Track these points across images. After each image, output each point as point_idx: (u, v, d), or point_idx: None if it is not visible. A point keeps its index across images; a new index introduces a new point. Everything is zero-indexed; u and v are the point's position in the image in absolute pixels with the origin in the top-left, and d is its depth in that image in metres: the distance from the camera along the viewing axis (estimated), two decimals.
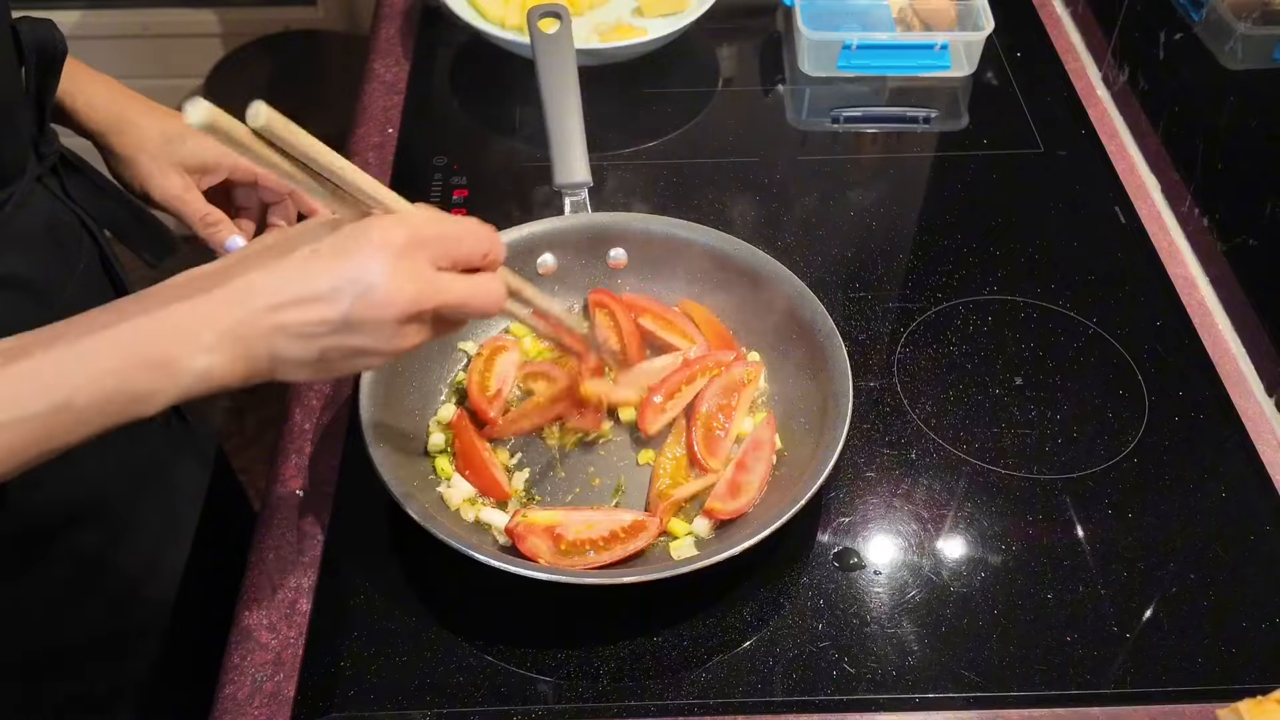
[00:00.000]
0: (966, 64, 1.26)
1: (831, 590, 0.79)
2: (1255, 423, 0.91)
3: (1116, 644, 0.77)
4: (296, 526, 0.83)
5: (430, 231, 0.61)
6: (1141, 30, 1.18)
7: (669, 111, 1.22)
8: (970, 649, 0.76)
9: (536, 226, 0.94)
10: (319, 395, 0.92)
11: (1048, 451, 0.88)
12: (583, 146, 0.99)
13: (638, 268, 0.96)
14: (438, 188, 1.10)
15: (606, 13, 1.30)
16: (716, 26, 1.29)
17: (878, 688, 0.74)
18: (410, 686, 0.74)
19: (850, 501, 0.85)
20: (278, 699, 0.74)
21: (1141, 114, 1.18)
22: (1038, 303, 1.00)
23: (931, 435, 0.89)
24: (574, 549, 0.77)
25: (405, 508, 0.74)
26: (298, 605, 0.79)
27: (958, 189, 1.13)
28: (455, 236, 0.62)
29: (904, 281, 1.03)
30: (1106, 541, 0.82)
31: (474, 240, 0.63)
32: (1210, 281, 1.03)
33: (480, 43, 1.24)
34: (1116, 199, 1.11)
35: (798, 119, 1.23)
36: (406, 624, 0.77)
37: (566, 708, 0.73)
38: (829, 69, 1.25)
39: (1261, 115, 0.98)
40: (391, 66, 1.27)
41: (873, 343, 0.97)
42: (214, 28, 2.21)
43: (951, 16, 1.26)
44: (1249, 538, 0.83)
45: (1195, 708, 0.74)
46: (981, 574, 0.80)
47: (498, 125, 1.21)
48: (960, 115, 1.22)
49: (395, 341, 0.60)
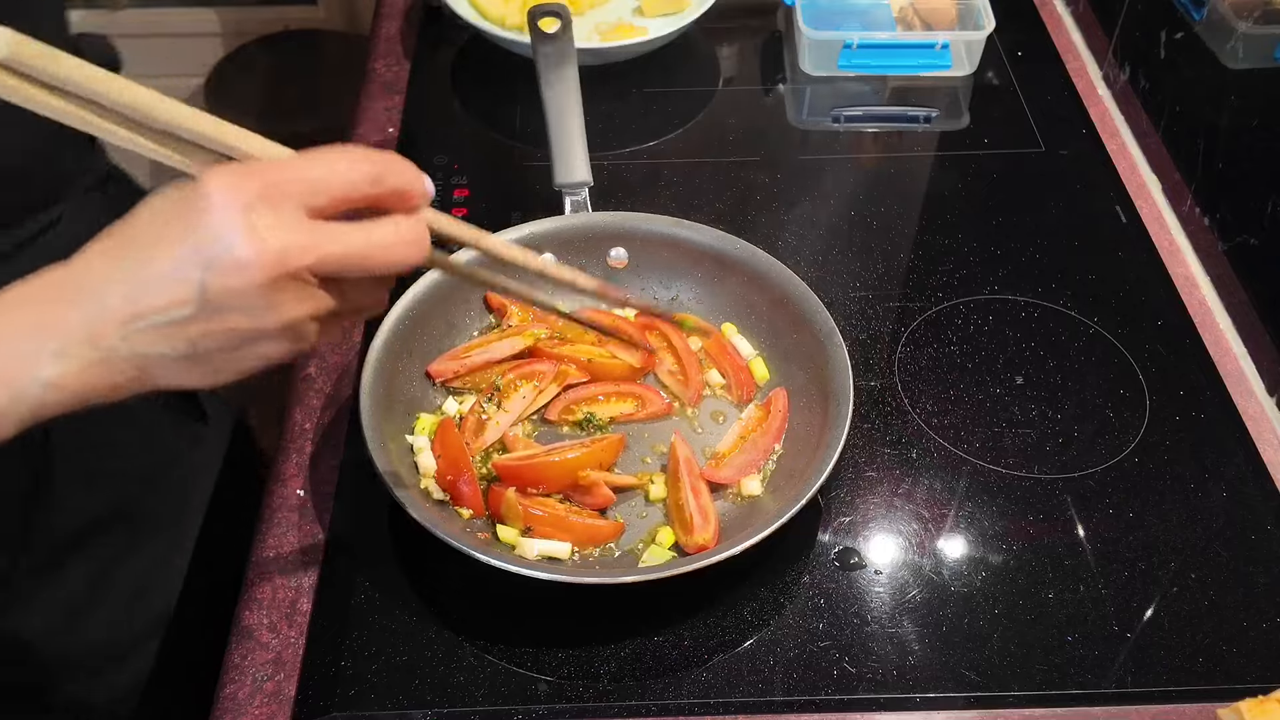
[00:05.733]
0: (967, 63, 1.26)
1: (832, 590, 0.79)
2: (1256, 422, 0.91)
3: (1117, 644, 0.77)
4: (296, 526, 0.83)
5: (291, 172, 0.50)
6: (1142, 29, 1.18)
7: (669, 111, 1.22)
8: (971, 649, 0.76)
9: (537, 226, 0.94)
10: (319, 395, 0.92)
11: (1048, 451, 0.88)
12: (583, 146, 0.99)
13: (638, 268, 0.96)
14: (438, 188, 1.10)
15: (607, 12, 1.30)
16: (716, 26, 1.29)
17: (878, 687, 0.74)
18: (410, 686, 0.74)
19: (851, 501, 0.85)
20: (278, 699, 0.74)
21: (1142, 113, 1.18)
22: (1038, 302, 1.00)
23: (932, 435, 0.89)
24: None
25: (406, 508, 0.74)
26: (298, 605, 0.79)
27: (958, 188, 1.13)
28: (328, 170, 0.50)
29: (904, 281, 1.03)
30: (1107, 541, 0.82)
31: (356, 170, 0.51)
32: (1211, 281, 1.03)
33: (480, 42, 1.24)
34: (1117, 198, 1.11)
35: (798, 119, 1.23)
36: (406, 624, 0.77)
37: (566, 707, 0.73)
38: (830, 68, 1.25)
39: (1263, 115, 0.98)
40: (391, 66, 1.27)
41: (873, 342, 0.97)
42: (214, 28, 2.21)
43: (952, 16, 1.26)
44: (1249, 538, 0.83)
45: (1195, 708, 0.73)
46: (982, 573, 0.80)
47: (498, 125, 1.21)
48: (961, 115, 1.22)
49: (273, 315, 0.50)
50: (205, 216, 0.48)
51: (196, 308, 0.49)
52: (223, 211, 0.48)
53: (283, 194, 0.49)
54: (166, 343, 0.50)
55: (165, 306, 0.49)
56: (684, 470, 0.82)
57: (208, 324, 0.49)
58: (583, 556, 0.79)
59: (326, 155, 0.51)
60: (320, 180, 0.50)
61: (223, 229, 0.48)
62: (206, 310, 0.49)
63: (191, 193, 0.49)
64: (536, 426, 0.88)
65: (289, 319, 0.51)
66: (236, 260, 0.48)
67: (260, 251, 0.48)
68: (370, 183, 0.51)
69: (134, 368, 0.51)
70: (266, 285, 0.49)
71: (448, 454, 0.81)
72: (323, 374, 0.94)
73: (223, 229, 0.48)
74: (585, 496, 0.81)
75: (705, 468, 0.84)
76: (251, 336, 0.50)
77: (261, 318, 0.50)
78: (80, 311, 0.49)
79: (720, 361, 0.91)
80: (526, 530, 0.79)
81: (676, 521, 0.80)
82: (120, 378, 0.51)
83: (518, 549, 0.78)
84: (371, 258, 0.51)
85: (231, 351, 0.51)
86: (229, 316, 0.49)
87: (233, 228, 0.48)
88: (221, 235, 0.48)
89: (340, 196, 0.51)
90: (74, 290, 0.50)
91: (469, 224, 0.62)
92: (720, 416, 0.89)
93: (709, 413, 0.89)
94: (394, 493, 0.74)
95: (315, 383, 0.93)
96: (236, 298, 0.49)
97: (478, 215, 1.07)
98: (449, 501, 0.81)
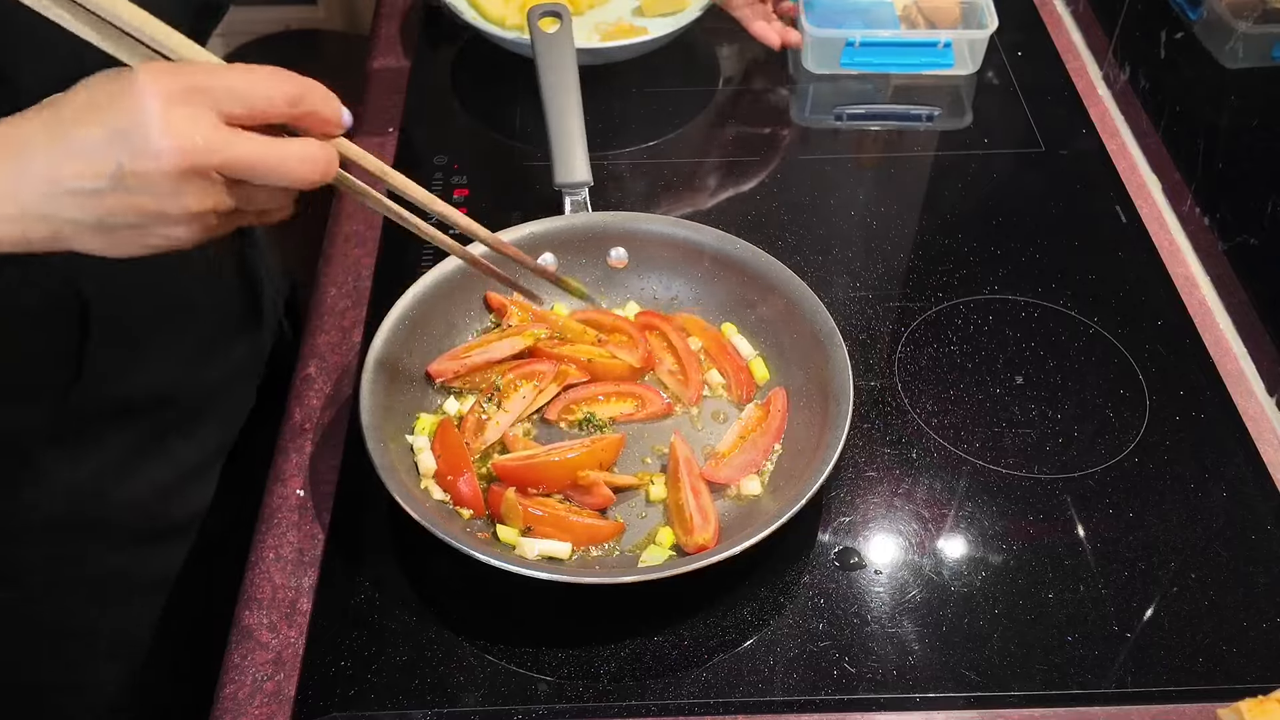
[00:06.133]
0: (970, 62, 1.26)
1: (832, 590, 0.79)
2: (1256, 422, 0.91)
3: (1117, 644, 0.77)
4: (296, 526, 0.83)
5: (214, 78, 0.54)
6: (1142, 29, 1.18)
7: (669, 111, 1.22)
8: (971, 649, 0.76)
9: (537, 226, 0.94)
10: (319, 395, 0.92)
11: (1048, 451, 0.88)
12: (583, 146, 0.99)
13: (638, 268, 0.96)
14: (438, 187, 1.10)
15: (607, 12, 1.30)
16: (716, 26, 1.29)
17: (878, 687, 0.74)
18: (410, 686, 0.74)
19: (851, 501, 0.85)
20: (278, 699, 0.74)
21: (1142, 113, 1.18)
22: (1038, 302, 1.00)
23: (932, 434, 0.89)
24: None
25: (406, 507, 0.74)
26: (298, 605, 0.79)
27: (958, 188, 1.13)
28: (250, 83, 0.55)
29: (904, 280, 1.03)
30: (1107, 541, 0.82)
31: (277, 88, 0.56)
32: (1211, 280, 1.03)
33: (481, 42, 1.24)
34: (1117, 198, 1.11)
35: (799, 118, 1.23)
36: (406, 624, 0.77)
37: (566, 707, 0.73)
38: (832, 66, 1.25)
39: (1262, 115, 0.98)
40: (392, 66, 1.27)
41: (873, 342, 0.97)
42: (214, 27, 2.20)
43: (956, 14, 1.25)
44: (1249, 538, 0.83)
45: (1195, 708, 0.73)
46: (982, 573, 0.80)
47: (498, 125, 1.21)
48: (964, 114, 1.22)
49: (178, 201, 0.55)
50: (131, 102, 0.53)
51: (110, 183, 0.53)
52: (148, 101, 0.53)
53: (204, 96, 0.54)
54: (79, 210, 0.54)
55: (81, 176, 0.53)
56: (684, 470, 0.82)
57: (118, 200, 0.54)
58: (583, 557, 0.79)
59: (252, 69, 0.56)
60: (242, 90, 0.55)
61: (144, 118, 0.52)
62: (119, 188, 0.54)
63: (124, 80, 0.53)
64: (536, 426, 0.88)
65: (193, 209, 0.55)
66: (151, 148, 0.53)
67: (172, 143, 0.53)
68: (289, 102, 0.56)
69: (47, 228, 0.55)
70: (175, 175, 0.53)
71: (448, 454, 0.81)
72: (323, 374, 0.94)
73: (144, 118, 0.52)
74: (585, 496, 0.81)
75: (705, 468, 0.84)
76: (157, 218, 0.55)
77: (167, 204, 0.54)
78: (5, 167, 0.54)
79: (720, 361, 0.91)
80: (526, 530, 0.79)
81: (676, 521, 0.80)
82: (34, 235, 0.56)
83: (518, 549, 0.78)
84: (274, 169, 0.56)
85: (139, 229, 0.56)
86: (138, 197, 0.54)
87: (152, 118, 0.52)
88: (141, 123, 0.52)
89: (258, 110, 0.55)
90: (3, 146, 0.54)
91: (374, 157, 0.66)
92: (720, 416, 0.89)
93: (709, 413, 0.89)
94: (394, 493, 0.74)
95: (315, 383, 0.93)
96: (146, 181, 0.53)
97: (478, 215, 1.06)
98: (449, 502, 0.81)
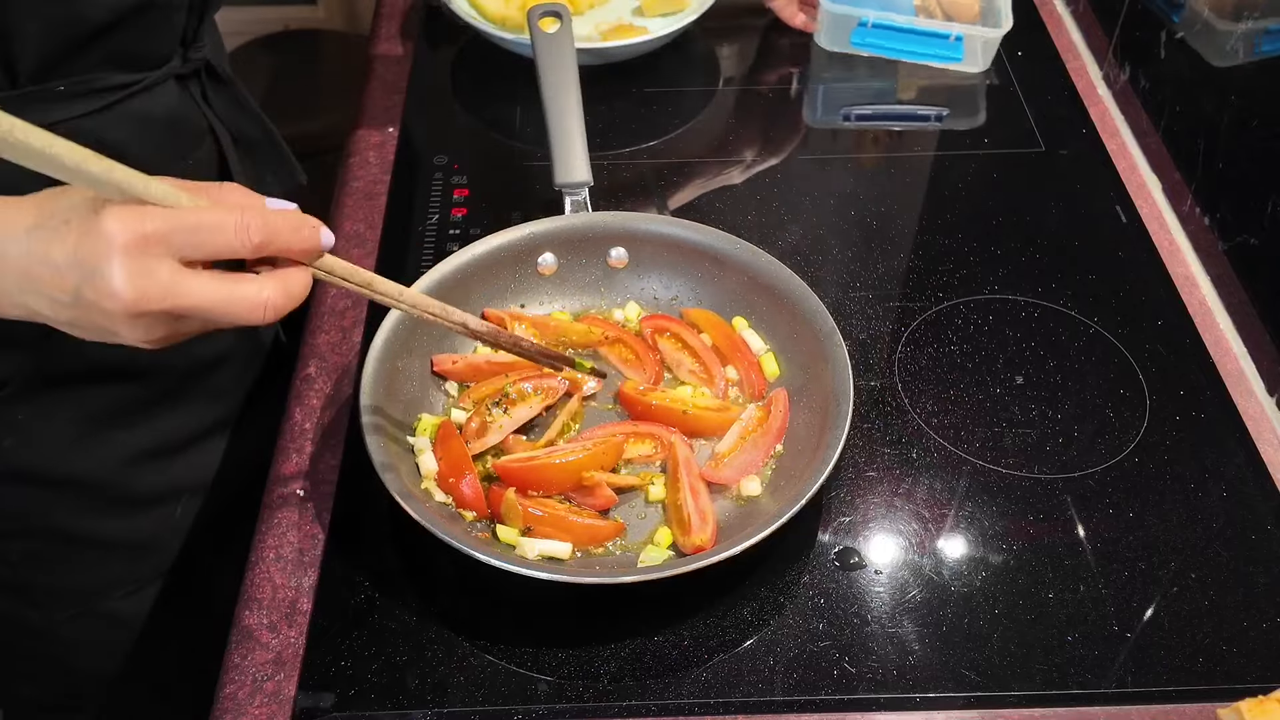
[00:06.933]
0: (981, 60, 1.25)
1: (832, 589, 0.79)
2: (1256, 422, 0.91)
3: (1117, 644, 0.77)
4: (296, 526, 0.83)
5: (174, 223, 0.57)
6: (1142, 29, 1.18)
7: (669, 111, 1.22)
8: (971, 648, 0.76)
9: (537, 226, 0.94)
10: (319, 395, 0.92)
11: (1048, 451, 0.88)
12: (583, 146, 0.99)
13: (638, 268, 0.96)
14: (438, 187, 1.10)
15: (607, 12, 1.30)
16: (716, 25, 1.29)
17: (878, 687, 0.74)
18: (410, 686, 0.74)
19: (851, 501, 0.85)
20: (278, 699, 0.74)
21: (1142, 113, 1.18)
22: (1039, 302, 1.00)
23: (932, 434, 0.89)
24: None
25: (406, 507, 0.74)
26: (298, 605, 0.79)
27: (959, 188, 1.13)
28: (207, 228, 0.58)
29: (905, 280, 1.03)
30: (1107, 541, 0.82)
31: (239, 237, 0.59)
32: (1211, 280, 1.03)
33: (481, 42, 1.24)
34: (1117, 198, 1.11)
35: (801, 118, 1.23)
36: (406, 624, 0.77)
37: (566, 707, 0.73)
38: (844, 45, 1.25)
39: (1262, 114, 0.98)
40: (392, 66, 1.27)
41: (873, 342, 0.97)
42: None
43: (975, 11, 1.25)
44: (1249, 538, 0.83)
45: (1195, 708, 0.73)
46: (982, 573, 0.80)
47: (498, 125, 1.21)
48: (977, 113, 1.22)
49: (132, 332, 0.59)
50: (94, 244, 0.56)
51: (71, 300, 0.58)
52: (108, 246, 0.56)
53: (163, 245, 0.57)
54: (48, 307, 0.59)
55: (49, 286, 0.58)
56: (683, 471, 0.82)
57: (80, 313, 0.58)
58: (583, 557, 0.79)
59: (218, 217, 0.58)
60: (203, 239, 0.58)
61: (102, 263, 0.56)
62: (79, 307, 0.58)
63: (93, 220, 0.56)
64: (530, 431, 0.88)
65: (145, 339, 0.60)
66: (106, 288, 0.56)
67: (125, 290, 0.56)
68: (252, 250, 0.59)
69: (23, 312, 0.60)
70: (125, 315, 0.57)
71: (449, 455, 0.81)
72: (323, 374, 0.94)
73: (102, 263, 0.56)
74: (588, 497, 0.81)
75: (705, 468, 0.84)
76: (116, 336, 0.60)
77: (122, 331, 0.59)
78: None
79: (732, 357, 0.91)
80: (526, 530, 0.79)
81: (675, 522, 0.80)
82: (11, 314, 0.61)
83: (518, 549, 0.78)
84: (224, 313, 0.59)
85: (104, 336, 0.60)
86: (97, 318, 0.58)
87: (112, 265, 0.56)
88: (101, 267, 0.56)
89: (220, 255, 0.59)
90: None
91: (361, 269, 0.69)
92: None
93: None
94: (394, 493, 0.74)
95: (315, 383, 0.93)
96: (101, 313, 0.58)
97: (478, 215, 1.07)
98: (450, 503, 0.81)
